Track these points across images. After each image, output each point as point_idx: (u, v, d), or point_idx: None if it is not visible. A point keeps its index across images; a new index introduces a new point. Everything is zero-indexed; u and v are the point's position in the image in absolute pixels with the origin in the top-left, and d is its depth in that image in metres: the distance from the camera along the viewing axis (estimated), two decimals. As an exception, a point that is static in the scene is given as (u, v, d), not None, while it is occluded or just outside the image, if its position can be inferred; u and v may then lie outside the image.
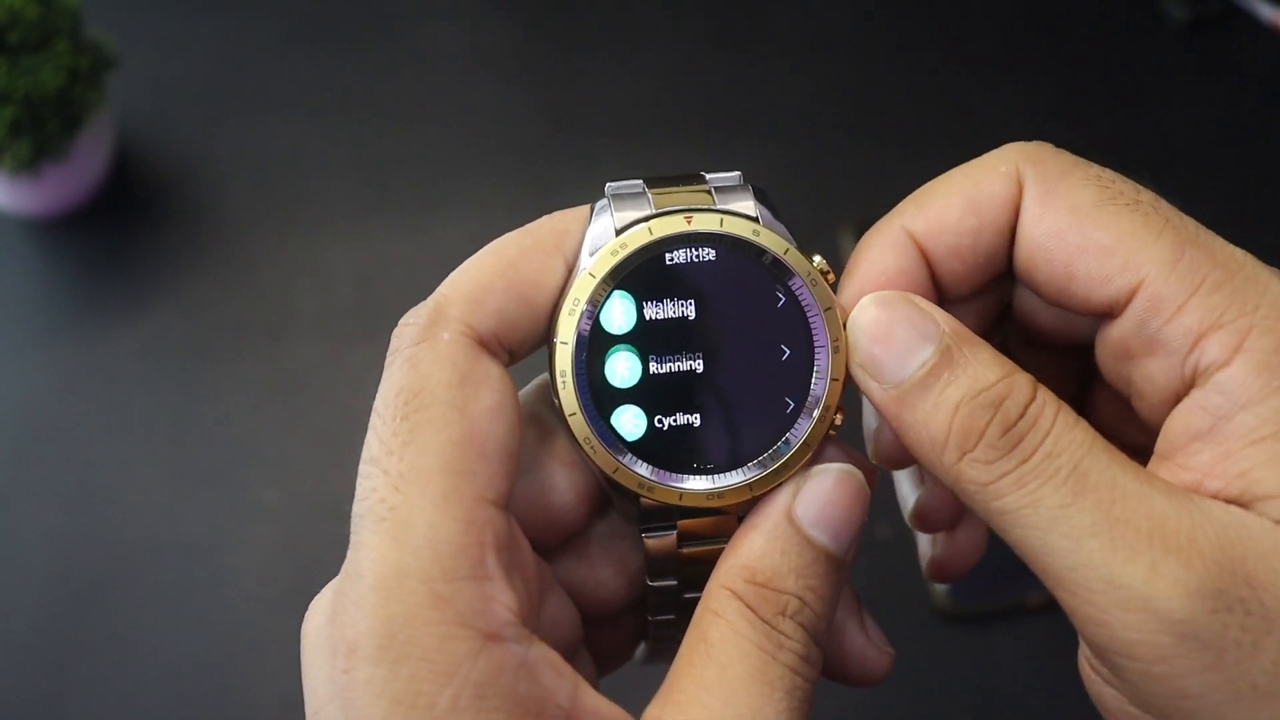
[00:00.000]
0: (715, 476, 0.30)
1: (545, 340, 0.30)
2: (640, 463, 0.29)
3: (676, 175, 0.31)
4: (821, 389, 0.30)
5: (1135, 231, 0.28)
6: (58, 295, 0.77)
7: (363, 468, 0.27)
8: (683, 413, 0.30)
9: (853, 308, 0.30)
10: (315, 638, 0.26)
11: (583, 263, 0.29)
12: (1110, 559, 0.25)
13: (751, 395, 0.30)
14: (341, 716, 0.25)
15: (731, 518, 0.30)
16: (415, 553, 0.25)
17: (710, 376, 0.30)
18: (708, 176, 0.31)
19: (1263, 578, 0.24)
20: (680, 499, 0.30)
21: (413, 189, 0.81)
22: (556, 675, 0.26)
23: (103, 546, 0.69)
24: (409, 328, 0.28)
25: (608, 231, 0.29)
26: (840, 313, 0.30)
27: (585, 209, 0.30)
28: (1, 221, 0.78)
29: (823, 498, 0.29)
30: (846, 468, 0.30)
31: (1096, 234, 0.28)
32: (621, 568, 0.32)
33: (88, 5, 0.73)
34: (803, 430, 0.30)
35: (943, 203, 0.30)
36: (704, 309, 0.30)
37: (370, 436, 0.27)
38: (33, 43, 0.68)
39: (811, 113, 0.85)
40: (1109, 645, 0.25)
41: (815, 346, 0.30)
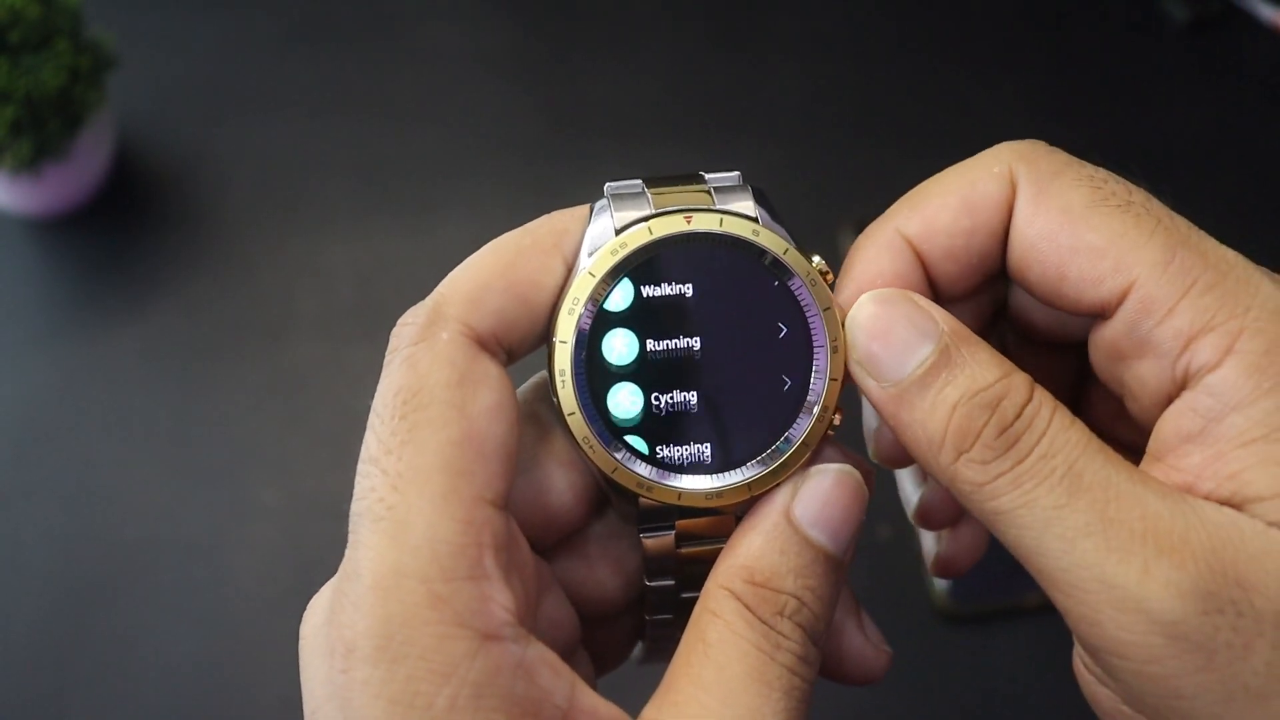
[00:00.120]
0: (714, 476, 0.30)
1: (544, 340, 0.30)
2: (639, 462, 0.29)
3: (676, 175, 0.31)
4: (820, 388, 0.30)
5: (1127, 233, 0.28)
6: (58, 295, 0.77)
7: (361, 467, 0.27)
8: (680, 390, 0.30)
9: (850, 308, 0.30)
10: (313, 637, 0.26)
11: (582, 262, 0.29)
12: (1104, 559, 0.25)
13: (749, 385, 0.30)
14: (340, 716, 0.25)
15: (730, 518, 0.30)
16: (413, 552, 0.25)
17: (708, 362, 0.30)
18: (707, 176, 0.31)
19: (1254, 579, 0.24)
20: (679, 499, 0.30)
21: (413, 189, 0.81)
22: (554, 675, 0.26)
23: (103, 547, 0.69)
24: (408, 327, 0.28)
25: (607, 231, 0.29)
26: (839, 312, 0.30)
27: (585, 209, 0.30)
28: (1, 221, 0.78)
29: (821, 498, 0.29)
30: (845, 468, 0.30)
31: (1088, 235, 0.28)
32: (619, 567, 0.32)
33: (88, 5, 0.73)
34: (801, 429, 0.30)
35: (936, 204, 0.30)
36: (702, 294, 0.30)
37: (369, 436, 0.27)
38: (33, 42, 0.68)
39: (811, 113, 0.85)
40: (1102, 645, 0.25)
41: (814, 346, 0.30)
